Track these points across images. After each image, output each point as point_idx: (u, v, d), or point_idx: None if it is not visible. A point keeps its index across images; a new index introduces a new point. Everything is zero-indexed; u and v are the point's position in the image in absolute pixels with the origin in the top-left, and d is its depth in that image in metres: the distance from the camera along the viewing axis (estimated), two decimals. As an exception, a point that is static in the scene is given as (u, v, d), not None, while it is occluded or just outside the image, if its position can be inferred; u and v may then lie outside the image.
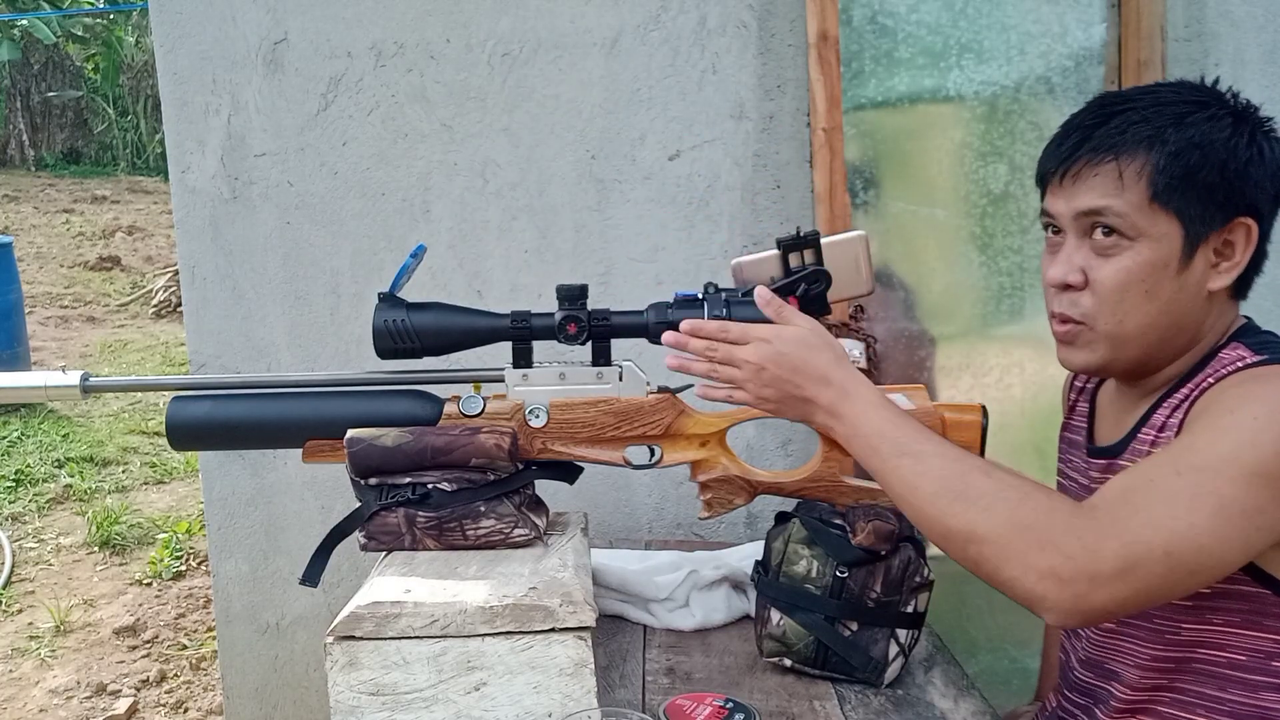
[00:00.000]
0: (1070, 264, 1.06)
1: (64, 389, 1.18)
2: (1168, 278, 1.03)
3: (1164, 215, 1.02)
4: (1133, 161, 1.02)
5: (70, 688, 2.85)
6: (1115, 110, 1.05)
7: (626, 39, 1.76)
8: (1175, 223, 1.02)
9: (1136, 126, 1.02)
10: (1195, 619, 1.04)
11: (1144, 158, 1.01)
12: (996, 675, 1.81)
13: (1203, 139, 1.01)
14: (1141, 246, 1.03)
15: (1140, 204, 1.02)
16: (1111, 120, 1.04)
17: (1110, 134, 1.03)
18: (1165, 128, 1.01)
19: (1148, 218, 1.02)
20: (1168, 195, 1.01)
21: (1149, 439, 1.07)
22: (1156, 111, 1.03)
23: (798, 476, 1.20)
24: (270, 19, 1.77)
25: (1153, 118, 1.02)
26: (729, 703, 1.07)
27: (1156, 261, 1.03)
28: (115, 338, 6.43)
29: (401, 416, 1.16)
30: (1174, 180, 1.00)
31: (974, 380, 1.83)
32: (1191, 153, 1.01)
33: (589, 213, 1.80)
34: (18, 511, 3.98)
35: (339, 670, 0.98)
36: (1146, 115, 1.03)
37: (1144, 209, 1.02)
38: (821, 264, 1.16)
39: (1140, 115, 1.03)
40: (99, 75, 10.76)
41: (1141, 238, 1.02)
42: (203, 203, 1.82)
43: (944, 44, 1.78)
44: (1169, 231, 1.02)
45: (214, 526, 1.89)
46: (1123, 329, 1.05)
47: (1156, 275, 1.03)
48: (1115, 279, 1.04)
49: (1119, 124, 1.03)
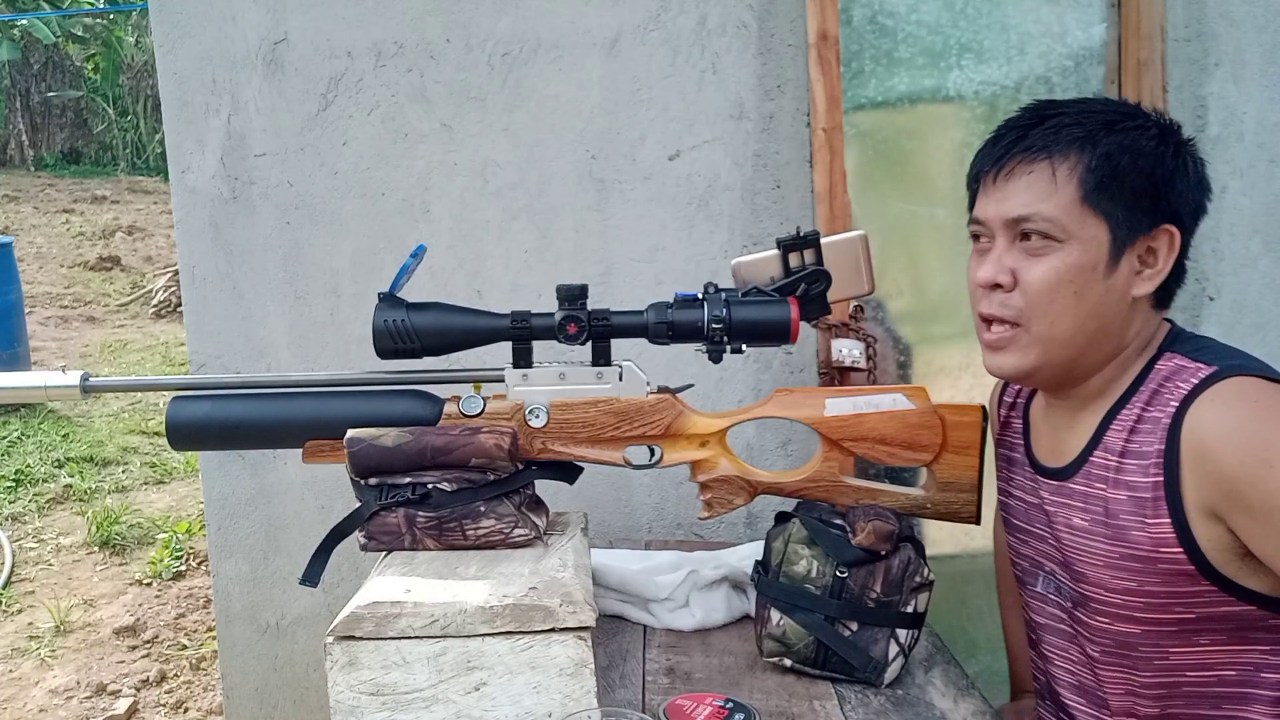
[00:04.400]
0: (1000, 265, 1.07)
1: (64, 389, 1.17)
2: (1096, 279, 1.05)
3: (1092, 217, 1.04)
4: (1065, 161, 1.04)
5: (70, 688, 2.85)
6: (1048, 114, 1.08)
7: (626, 39, 1.76)
8: (1103, 225, 1.04)
9: (1069, 128, 1.05)
10: (1182, 643, 1.05)
11: (1076, 157, 1.04)
12: (996, 675, 1.81)
13: (1132, 144, 1.04)
14: (1071, 248, 1.04)
15: (1070, 205, 1.04)
16: (1045, 122, 1.07)
17: (1044, 134, 1.06)
18: (1096, 131, 1.04)
19: (1077, 219, 1.04)
20: (1097, 196, 1.03)
21: (1110, 464, 1.07)
22: (1088, 117, 1.06)
23: (798, 476, 1.20)
24: (270, 19, 1.77)
25: (1085, 121, 1.05)
26: (729, 703, 1.07)
27: (1085, 264, 1.04)
28: (115, 338, 6.43)
29: (401, 416, 1.16)
30: (1104, 181, 1.03)
31: (974, 380, 1.83)
32: (1121, 156, 1.04)
33: (589, 213, 1.80)
34: (18, 511, 3.98)
35: (339, 670, 0.98)
36: (1079, 119, 1.06)
37: (1073, 210, 1.04)
38: (821, 264, 1.16)
39: (1072, 119, 1.06)
40: (99, 75, 10.76)
41: (1070, 240, 1.04)
42: (203, 203, 1.82)
43: (944, 44, 1.78)
44: (1097, 234, 1.04)
45: (214, 526, 1.89)
46: (1054, 331, 1.06)
47: (1085, 277, 1.04)
48: (1045, 279, 1.05)
49: (1053, 125, 1.06)
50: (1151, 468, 1.02)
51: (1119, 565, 1.05)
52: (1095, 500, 1.08)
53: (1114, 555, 1.05)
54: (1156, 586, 1.03)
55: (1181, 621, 1.03)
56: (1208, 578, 1.00)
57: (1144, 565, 1.03)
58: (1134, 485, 1.04)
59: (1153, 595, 1.03)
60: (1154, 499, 1.02)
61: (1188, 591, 1.02)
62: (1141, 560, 1.03)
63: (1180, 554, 1.00)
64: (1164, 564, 1.02)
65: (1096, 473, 1.08)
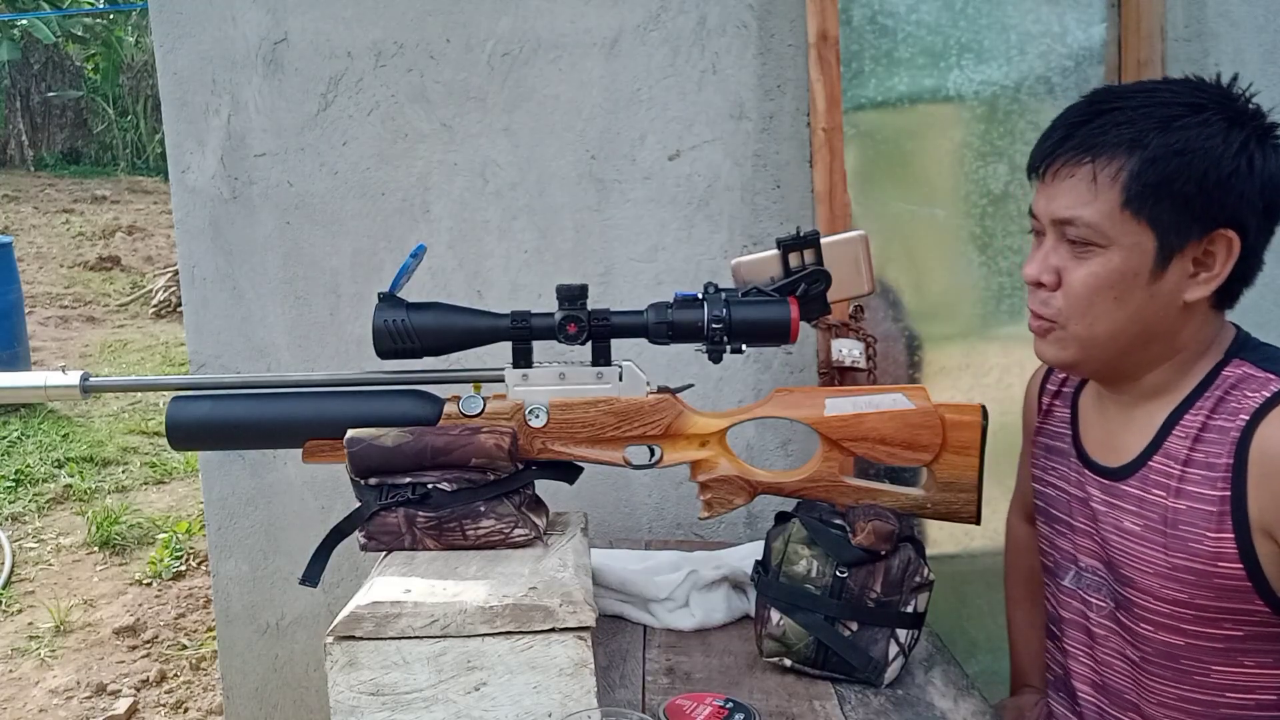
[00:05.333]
0: (1045, 263, 1.06)
1: (64, 389, 1.18)
2: (1138, 286, 1.01)
3: (1136, 223, 0.99)
4: (1109, 165, 0.99)
5: (70, 688, 2.85)
6: (1103, 109, 1.02)
7: (626, 39, 1.76)
8: (1148, 231, 0.99)
9: (1120, 128, 1.00)
10: (1226, 661, 1.03)
11: (1121, 161, 0.99)
12: (996, 675, 1.80)
13: (1185, 145, 0.97)
14: (1113, 253, 1.01)
15: (1111, 211, 1.00)
16: (1096, 119, 1.02)
17: (1092, 133, 1.01)
18: (1148, 131, 0.98)
19: (1119, 225, 1.00)
20: (1140, 203, 0.99)
21: (1173, 472, 1.04)
22: (1145, 112, 1.00)
23: (798, 476, 1.20)
24: (270, 19, 1.77)
25: (1139, 119, 0.99)
26: (729, 703, 1.07)
27: (1127, 270, 1.01)
28: (115, 338, 6.43)
29: (401, 416, 1.16)
30: (1147, 188, 0.98)
31: (974, 380, 1.83)
32: (1170, 160, 0.97)
33: (589, 213, 1.80)
34: (18, 511, 3.98)
35: (339, 670, 0.98)
36: (1133, 116, 1.00)
37: (1114, 216, 1.00)
38: (821, 264, 1.16)
39: (1126, 116, 1.00)
40: (99, 75, 10.75)
41: (1113, 245, 1.00)
42: (203, 203, 1.81)
43: (944, 44, 1.78)
44: (1141, 240, 1.00)
45: (214, 526, 1.89)
46: (1092, 332, 1.04)
47: (1126, 283, 1.01)
48: (1085, 283, 1.03)
49: (1102, 124, 1.01)
50: (1219, 481, 1.00)
51: (1171, 575, 1.03)
52: (1153, 507, 1.05)
53: (1168, 565, 1.03)
54: (1209, 600, 1.01)
55: (1229, 639, 1.02)
56: (1262, 596, 0.99)
57: (1199, 578, 1.01)
58: (1199, 496, 1.01)
59: (1203, 609, 1.02)
60: (1220, 513, 0.99)
61: (1240, 609, 1.00)
62: (1198, 573, 1.01)
63: (1239, 569, 0.99)
64: (1220, 579, 1.00)
65: (1156, 479, 1.05)
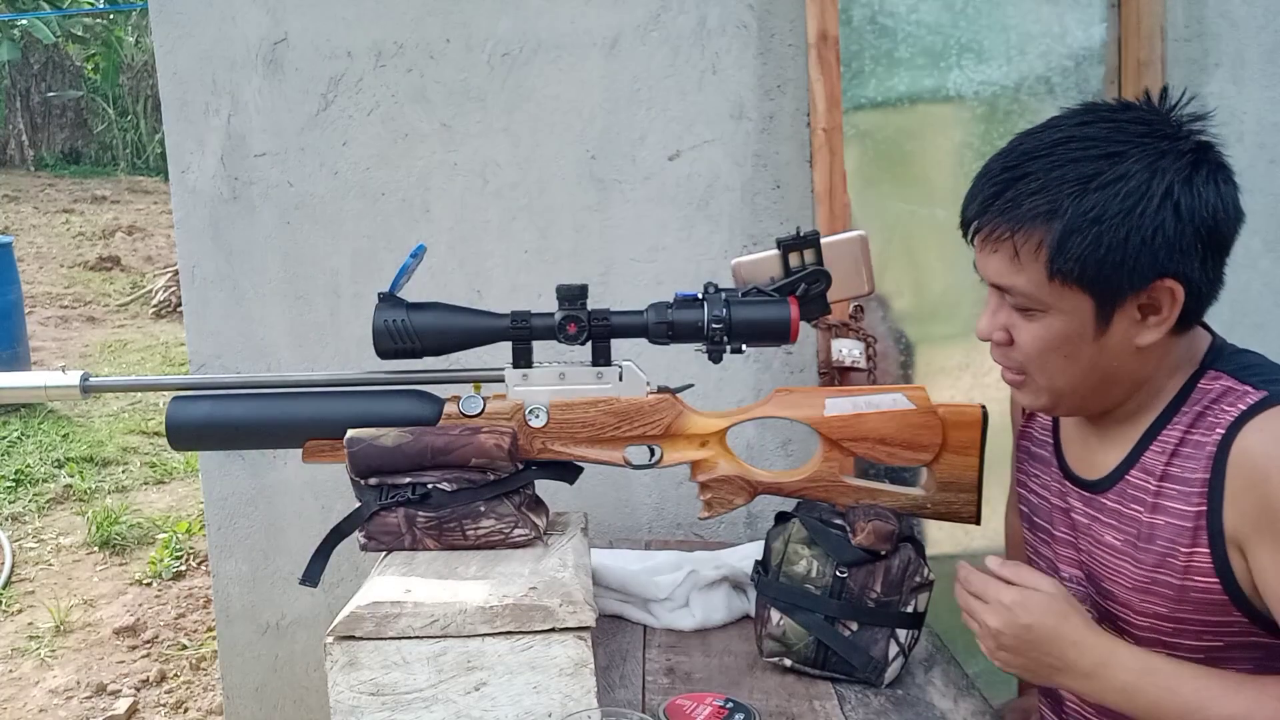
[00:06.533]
0: (994, 322, 1.05)
1: (64, 389, 1.18)
2: (1085, 343, 1.00)
3: (1067, 289, 0.98)
4: (1028, 239, 0.97)
5: (70, 688, 2.85)
6: (1017, 175, 0.99)
7: (626, 39, 1.76)
8: (1082, 295, 0.98)
9: (1034, 198, 0.96)
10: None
11: (1040, 234, 0.96)
12: (996, 675, 1.80)
13: (1102, 212, 0.94)
14: (1053, 317, 1.00)
15: (1040, 281, 0.98)
16: (1010, 188, 0.98)
17: (1007, 205, 0.98)
18: (1063, 199, 0.95)
19: (1051, 293, 0.98)
20: (1065, 274, 0.96)
21: (1148, 486, 1.03)
22: (1059, 175, 0.96)
23: (798, 476, 1.20)
24: (270, 19, 1.77)
25: (1051, 185, 0.96)
26: (729, 703, 1.07)
27: (1070, 332, 1.00)
28: (115, 338, 6.43)
29: (401, 416, 1.16)
30: (1070, 260, 0.95)
31: (974, 380, 1.83)
32: (1088, 230, 0.94)
33: (589, 213, 1.80)
34: (18, 511, 3.98)
35: (339, 670, 0.98)
36: (1046, 182, 0.96)
37: (1044, 286, 0.98)
38: (821, 264, 1.16)
39: (1040, 182, 0.96)
40: (99, 75, 10.75)
41: (1051, 309, 0.99)
42: (203, 203, 1.82)
43: (944, 44, 1.78)
44: (1078, 304, 0.98)
45: (214, 526, 1.89)
46: (1054, 384, 1.04)
47: (1072, 343, 1.00)
48: (1034, 344, 1.02)
49: (1016, 194, 0.98)
50: (1195, 496, 0.99)
51: (1149, 589, 1.02)
52: (1129, 521, 1.05)
53: (1145, 580, 1.02)
54: (1188, 614, 1.01)
55: (1210, 649, 1.01)
56: (1239, 608, 0.98)
57: (1176, 592, 1.00)
58: (1174, 511, 1.00)
59: (1183, 621, 1.01)
60: (1195, 528, 0.98)
61: (1218, 621, 1.00)
62: (1175, 588, 1.00)
63: (1215, 584, 0.98)
64: (1197, 592, 0.99)
65: (1133, 493, 1.05)
